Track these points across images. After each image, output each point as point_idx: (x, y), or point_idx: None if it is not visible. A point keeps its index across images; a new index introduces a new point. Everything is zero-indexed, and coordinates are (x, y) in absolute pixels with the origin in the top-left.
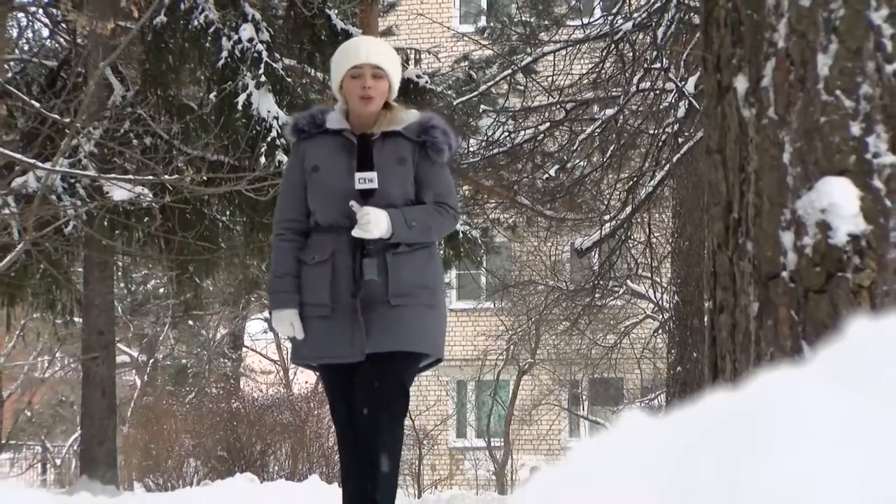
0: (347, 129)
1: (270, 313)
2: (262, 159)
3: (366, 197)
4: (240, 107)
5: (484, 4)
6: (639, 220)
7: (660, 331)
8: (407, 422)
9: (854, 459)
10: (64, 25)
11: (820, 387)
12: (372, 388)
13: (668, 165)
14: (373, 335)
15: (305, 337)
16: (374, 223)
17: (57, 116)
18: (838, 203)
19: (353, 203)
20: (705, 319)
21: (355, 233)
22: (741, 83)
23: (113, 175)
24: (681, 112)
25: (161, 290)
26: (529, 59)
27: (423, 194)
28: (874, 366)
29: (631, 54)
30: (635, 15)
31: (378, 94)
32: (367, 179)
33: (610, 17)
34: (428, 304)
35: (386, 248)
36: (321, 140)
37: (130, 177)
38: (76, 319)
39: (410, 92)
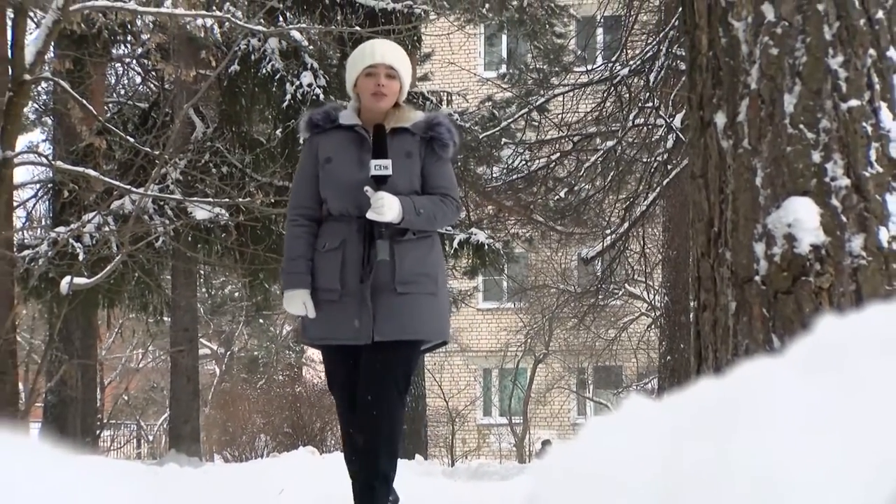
0: (359, 124)
1: (282, 293)
2: None
3: (379, 183)
4: (301, 141)
5: (504, 54)
6: (635, 233)
7: (652, 326)
8: (441, 402)
9: (826, 439)
10: (154, 73)
11: (794, 375)
12: (375, 374)
13: (659, 188)
14: (379, 322)
15: (314, 319)
16: (388, 206)
17: (148, 149)
18: (802, 219)
19: (367, 188)
20: (691, 316)
21: (369, 215)
22: (720, 119)
23: (195, 198)
24: (669, 143)
25: (236, 294)
26: (542, 99)
27: (427, 187)
28: (839, 358)
29: (627, 95)
30: (631, 62)
31: (390, 92)
32: (382, 166)
33: (610, 64)
34: (430, 293)
35: (394, 235)
36: (334, 134)
37: (210, 199)
38: (165, 319)
39: None
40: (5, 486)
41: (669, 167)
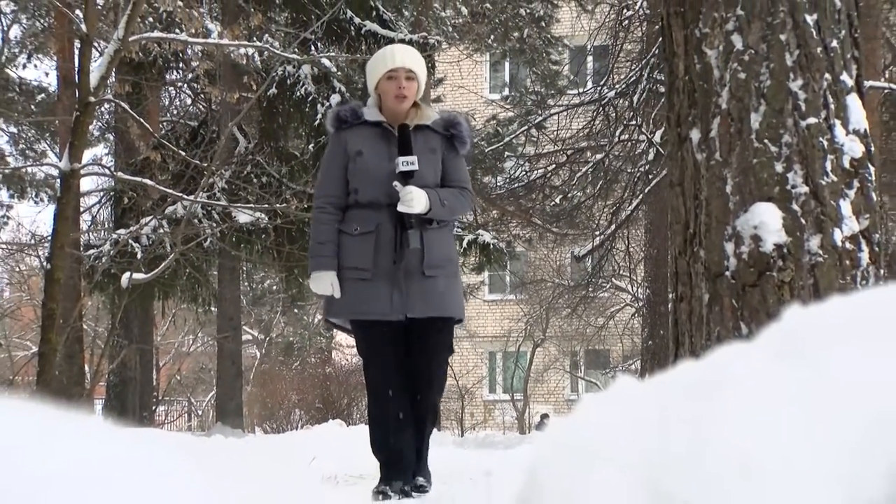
0: (385, 121)
1: (310, 274)
2: None
3: (406, 178)
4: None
5: (507, 79)
6: (620, 234)
7: (636, 315)
8: (451, 381)
9: (796, 421)
10: (202, 95)
11: (764, 360)
12: (428, 347)
13: (641, 195)
14: (412, 302)
15: (344, 296)
16: (417, 200)
17: (198, 162)
18: (766, 221)
19: (396, 183)
20: (669, 307)
21: (400, 208)
22: (695, 134)
23: (239, 204)
24: (651, 156)
25: (274, 287)
26: (540, 118)
27: (446, 180)
28: (805, 344)
29: (614, 114)
30: (617, 86)
31: (410, 94)
32: (409, 163)
33: (598, 88)
34: (453, 274)
35: (422, 224)
36: (361, 130)
37: (251, 205)
38: (212, 309)
39: None
40: (75, 456)
41: (651, 177)
